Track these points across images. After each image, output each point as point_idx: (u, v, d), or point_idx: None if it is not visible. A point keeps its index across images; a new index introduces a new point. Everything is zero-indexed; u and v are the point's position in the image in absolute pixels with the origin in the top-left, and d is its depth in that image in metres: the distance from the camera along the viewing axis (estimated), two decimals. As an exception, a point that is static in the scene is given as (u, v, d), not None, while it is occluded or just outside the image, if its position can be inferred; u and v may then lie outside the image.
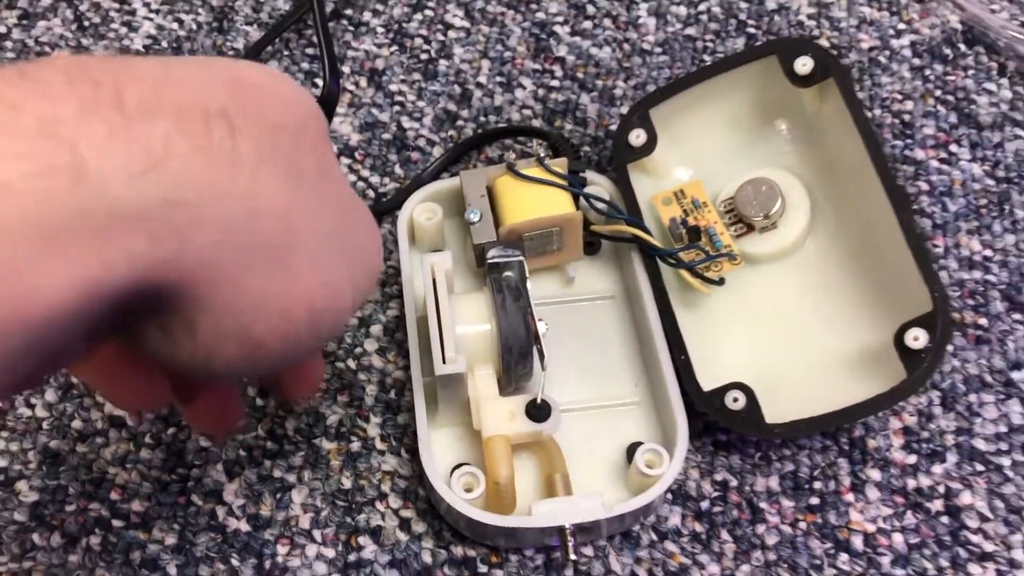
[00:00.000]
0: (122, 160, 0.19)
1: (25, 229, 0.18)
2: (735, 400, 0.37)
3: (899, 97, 0.49)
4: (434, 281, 0.37)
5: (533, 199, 0.39)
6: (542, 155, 0.40)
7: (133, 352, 0.23)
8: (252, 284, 0.22)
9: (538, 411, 0.36)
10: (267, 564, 0.36)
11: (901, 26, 0.52)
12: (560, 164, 0.40)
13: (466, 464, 0.36)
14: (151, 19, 0.51)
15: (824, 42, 0.51)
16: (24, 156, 0.18)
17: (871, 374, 0.37)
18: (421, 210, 0.41)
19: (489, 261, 0.38)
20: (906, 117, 0.48)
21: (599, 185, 0.42)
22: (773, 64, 0.40)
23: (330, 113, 0.37)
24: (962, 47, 0.51)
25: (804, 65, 0.39)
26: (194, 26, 0.51)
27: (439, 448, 0.37)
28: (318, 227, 0.23)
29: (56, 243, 0.18)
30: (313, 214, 0.23)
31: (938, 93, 0.49)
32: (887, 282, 0.38)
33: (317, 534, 0.37)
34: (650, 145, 0.41)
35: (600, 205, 0.40)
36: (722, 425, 0.38)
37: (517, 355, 0.36)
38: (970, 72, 0.50)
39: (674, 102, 0.42)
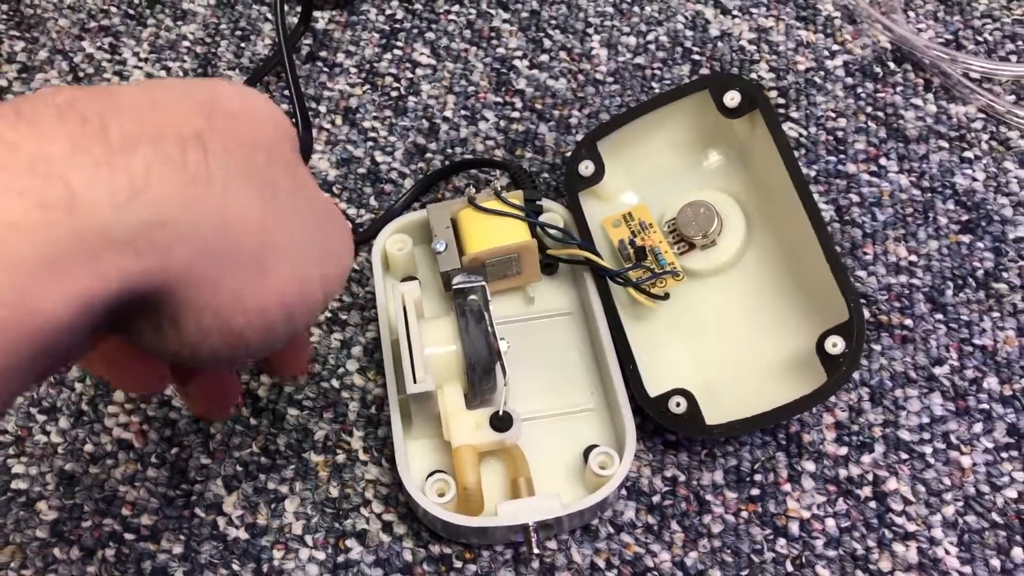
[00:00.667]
0: (108, 190, 0.22)
1: (31, 260, 0.21)
2: (678, 405, 0.41)
3: (833, 115, 0.53)
4: (404, 309, 0.41)
5: (492, 229, 0.43)
6: (499, 188, 0.44)
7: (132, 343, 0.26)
8: (229, 285, 0.25)
9: (501, 422, 0.40)
10: (265, 568, 0.40)
11: (835, 47, 0.56)
12: (516, 196, 0.44)
13: (440, 471, 0.41)
14: (140, 67, 0.56)
15: (764, 65, 0.55)
16: (23, 193, 0.21)
17: (799, 377, 0.41)
18: (393, 241, 0.46)
19: (455, 287, 0.42)
20: (839, 134, 0.52)
21: (554, 212, 0.46)
22: (707, 96, 0.44)
23: (305, 158, 0.41)
24: (891, 65, 0.55)
25: (732, 99, 0.43)
26: (180, 73, 0.55)
27: (415, 458, 0.42)
28: (289, 233, 0.26)
29: (57, 267, 0.21)
30: (284, 222, 0.26)
31: (869, 110, 0.53)
32: (812, 293, 0.42)
33: (309, 539, 0.41)
34: (598, 174, 0.45)
35: (553, 232, 0.44)
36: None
37: (481, 372, 0.40)
38: (898, 89, 0.54)
39: (620, 134, 0.46)
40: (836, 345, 0.39)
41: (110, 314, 0.23)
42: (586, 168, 0.45)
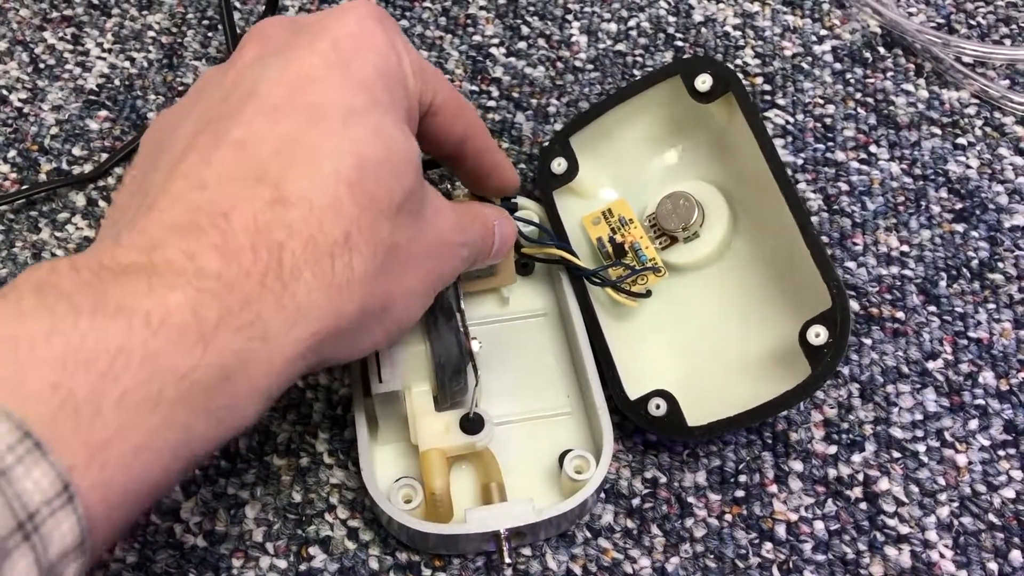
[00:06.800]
0: (283, 320, 0.27)
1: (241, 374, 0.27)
2: (657, 407, 0.39)
3: (821, 101, 0.51)
4: (369, 305, 0.39)
5: (464, 225, 0.41)
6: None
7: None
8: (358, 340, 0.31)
9: (471, 424, 0.38)
10: (224, 578, 0.38)
11: (823, 32, 0.54)
12: (489, 191, 0.42)
13: (407, 477, 0.39)
14: (104, 58, 0.54)
15: (749, 51, 0.53)
16: (239, 329, 0.26)
17: (785, 372, 0.39)
18: (360, 235, 0.44)
19: (424, 283, 0.40)
20: (827, 121, 0.50)
21: (529, 210, 0.44)
22: (680, 82, 0.42)
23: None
24: (881, 50, 0.53)
25: (703, 83, 0.41)
26: (145, 63, 0.53)
27: (382, 463, 0.40)
28: (405, 286, 0.32)
29: (254, 379, 0.27)
30: (401, 281, 0.31)
31: (858, 96, 0.51)
32: (796, 284, 0.40)
33: (270, 546, 0.39)
34: (572, 172, 0.43)
35: (528, 230, 0.42)
36: (649, 427, 0.40)
37: (450, 372, 0.38)
38: (889, 74, 0.52)
39: (593, 128, 0.44)
40: (819, 335, 0.37)
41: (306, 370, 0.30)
42: (559, 165, 0.43)
